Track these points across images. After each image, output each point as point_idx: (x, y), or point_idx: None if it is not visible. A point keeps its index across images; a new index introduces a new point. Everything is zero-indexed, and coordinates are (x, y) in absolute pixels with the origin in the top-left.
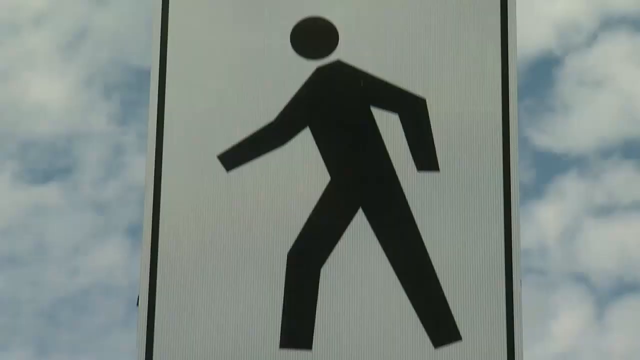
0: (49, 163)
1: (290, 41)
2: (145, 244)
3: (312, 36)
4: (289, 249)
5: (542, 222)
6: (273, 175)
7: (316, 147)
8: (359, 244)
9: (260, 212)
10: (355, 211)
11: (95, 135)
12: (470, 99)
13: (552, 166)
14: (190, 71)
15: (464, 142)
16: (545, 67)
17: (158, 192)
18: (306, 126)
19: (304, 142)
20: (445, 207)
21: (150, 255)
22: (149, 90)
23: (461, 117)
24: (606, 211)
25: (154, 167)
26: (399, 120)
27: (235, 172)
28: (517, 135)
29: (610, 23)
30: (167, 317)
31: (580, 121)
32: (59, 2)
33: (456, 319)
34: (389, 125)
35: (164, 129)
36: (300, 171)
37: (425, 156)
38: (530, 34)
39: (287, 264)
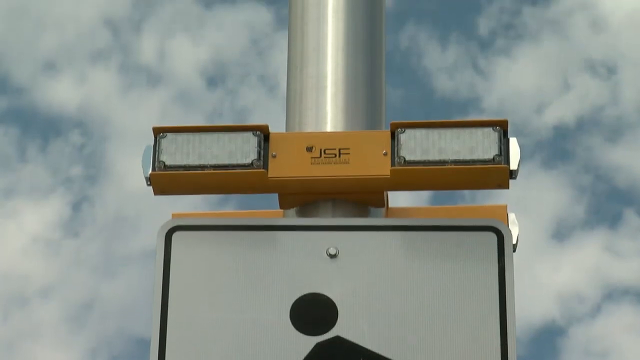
0: None
1: (290, 317)
2: None
3: (312, 312)
4: None
5: None
6: None
7: None
8: None
9: None
10: None
11: None
12: None
13: None
14: (189, 344)
15: None
16: (549, 338)
17: None
18: None
19: None
20: None
21: None
22: None
23: None
24: None
25: None
26: None
27: None
28: None
29: (613, 295)
30: None
31: None
32: (67, 274)
33: None
34: None
35: None
36: None
37: None
38: (533, 304)
39: None
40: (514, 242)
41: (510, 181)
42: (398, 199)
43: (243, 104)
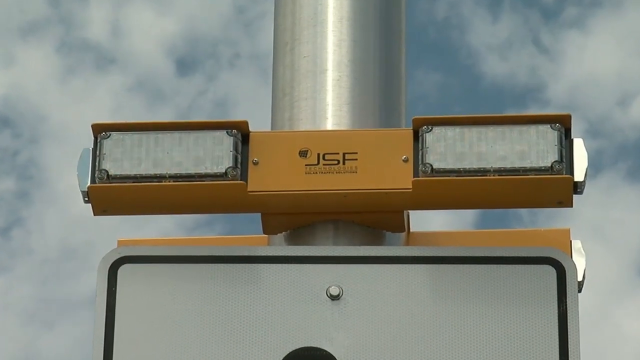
0: None
1: None
2: None
3: None
4: None
5: None
6: None
7: None
8: None
9: None
10: None
11: None
12: None
13: None
14: None
15: None
16: None
17: None
18: None
19: None
20: None
21: None
22: None
23: None
24: None
25: None
26: None
27: None
28: None
29: None
30: None
31: None
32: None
33: None
34: None
35: None
36: None
37: None
38: (614, 356)
39: None
40: (580, 278)
41: (575, 197)
42: (430, 220)
43: (225, 94)
